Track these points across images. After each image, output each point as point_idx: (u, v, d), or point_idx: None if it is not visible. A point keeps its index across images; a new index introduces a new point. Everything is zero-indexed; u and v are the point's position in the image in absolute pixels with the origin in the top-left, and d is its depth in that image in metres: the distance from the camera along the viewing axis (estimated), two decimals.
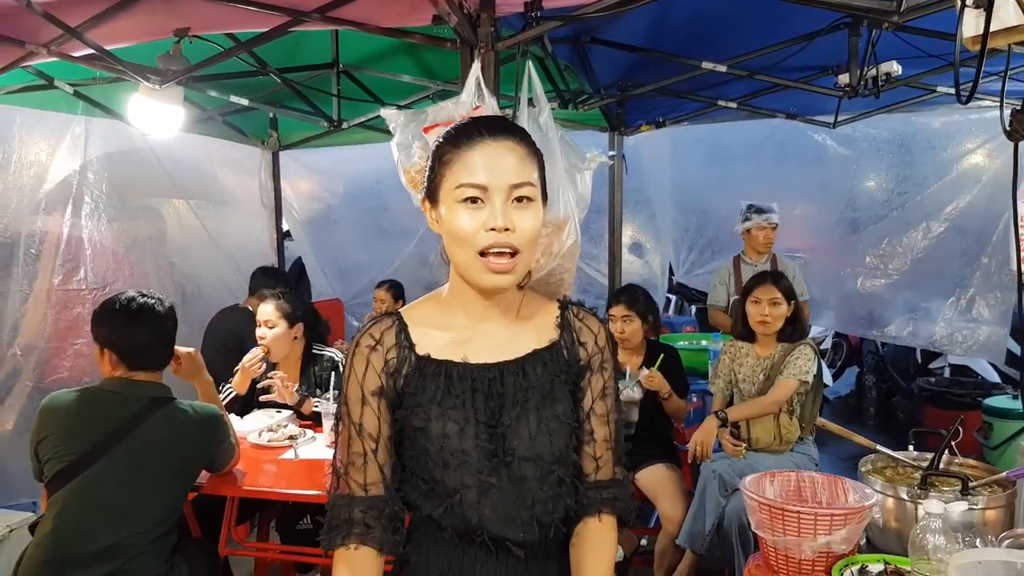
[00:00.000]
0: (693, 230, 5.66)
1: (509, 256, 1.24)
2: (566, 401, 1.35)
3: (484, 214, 1.23)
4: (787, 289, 3.38)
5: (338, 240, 6.08)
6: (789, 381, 3.23)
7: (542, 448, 1.31)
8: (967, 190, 4.66)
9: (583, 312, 1.43)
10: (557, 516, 1.33)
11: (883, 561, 1.70)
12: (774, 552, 1.79)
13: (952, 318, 4.69)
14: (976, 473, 2.00)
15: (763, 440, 3.24)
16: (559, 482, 1.33)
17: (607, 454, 1.38)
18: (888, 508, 1.85)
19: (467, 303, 1.34)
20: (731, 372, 3.48)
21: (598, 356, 1.39)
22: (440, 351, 1.34)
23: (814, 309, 5.31)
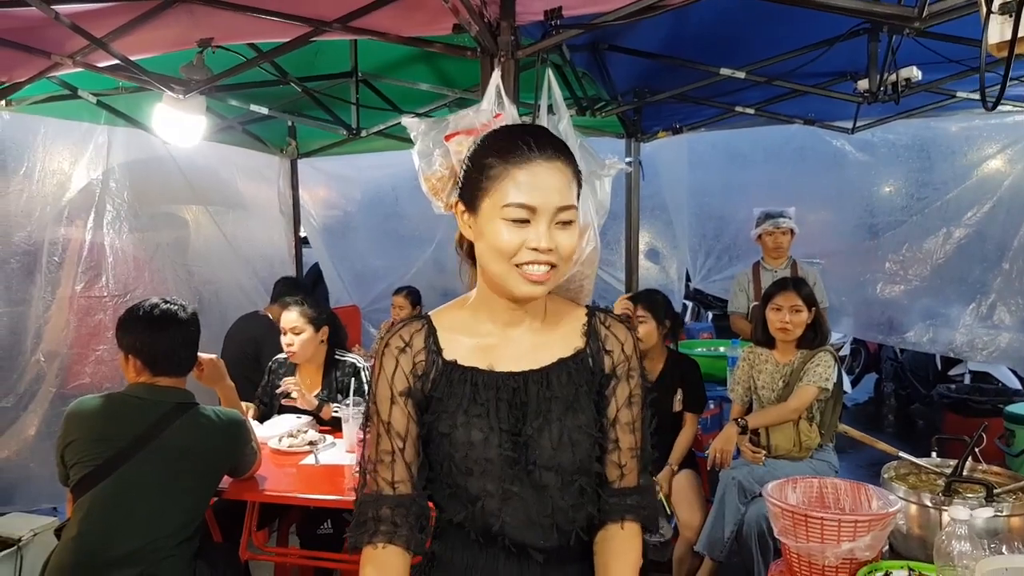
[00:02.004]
0: (710, 236, 5.64)
1: (547, 269, 1.26)
2: (589, 411, 1.35)
3: (528, 233, 1.24)
4: (808, 296, 3.36)
5: (355, 247, 6.12)
6: (809, 388, 3.21)
7: (564, 458, 1.32)
8: (987, 195, 4.63)
9: (611, 319, 1.43)
10: (579, 524, 1.34)
11: (907, 568, 1.69)
12: (797, 559, 1.78)
13: (972, 324, 4.65)
14: (1000, 480, 1.98)
15: (783, 447, 3.22)
16: (581, 491, 1.34)
17: (632, 462, 1.38)
18: (911, 515, 1.84)
19: (495, 310, 1.35)
20: (750, 379, 3.46)
21: (624, 364, 1.39)
22: (467, 357, 1.35)
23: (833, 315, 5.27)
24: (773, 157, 5.33)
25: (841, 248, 5.24)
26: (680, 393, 3.58)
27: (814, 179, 5.27)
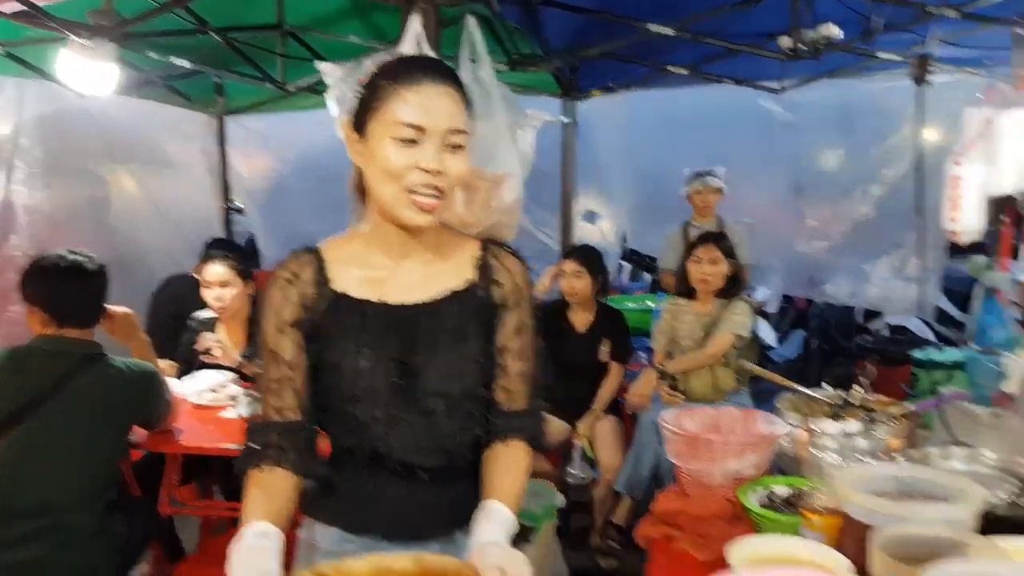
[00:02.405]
0: (646, 197, 5.70)
1: (435, 197, 1.28)
2: (479, 340, 1.38)
3: (416, 154, 1.25)
4: (727, 248, 3.47)
5: (290, 210, 6.00)
6: (725, 335, 3.33)
7: (452, 386, 1.36)
8: (904, 155, 4.79)
9: (502, 252, 1.45)
10: (465, 446, 1.39)
11: (789, 484, 1.78)
12: (689, 479, 1.86)
13: (888, 278, 4.83)
14: (882, 407, 2.09)
15: (699, 391, 3.34)
16: (468, 416, 1.38)
17: (521, 387, 1.43)
18: (798, 438, 1.94)
19: (386, 241, 1.36)
20: (672, 329, 3.57)
21: (515, 295, 1.42)
22: (358, 289, 1.36)
23: (762, 273, 5.43)
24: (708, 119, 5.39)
25: (770, 207, 5.37)
26: (607, 344, 3.66)
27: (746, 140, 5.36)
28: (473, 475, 1.39)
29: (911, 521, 1.32)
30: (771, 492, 1.78)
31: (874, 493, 1.46)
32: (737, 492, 1.77)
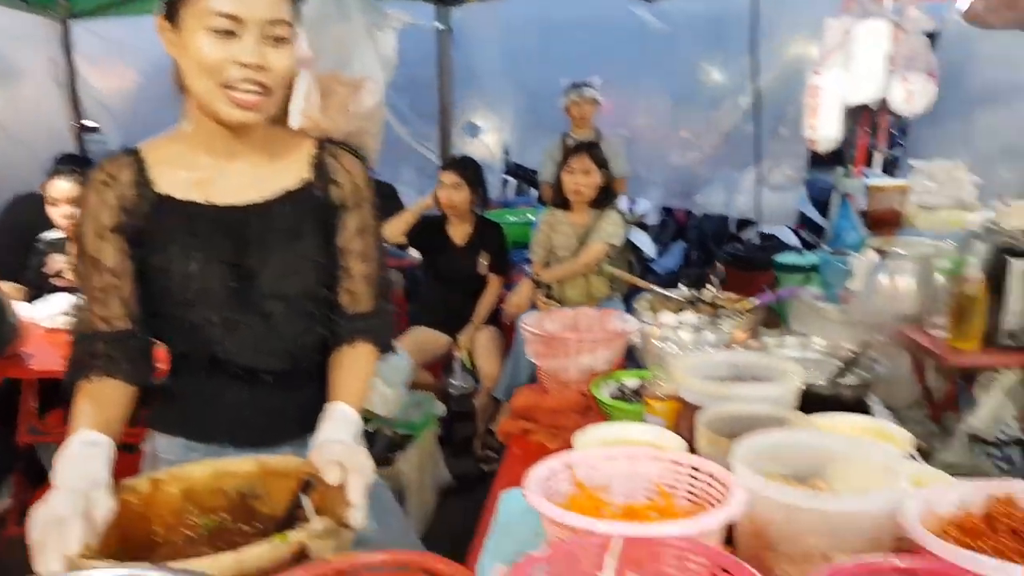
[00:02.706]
0: (528, 109, 5.68)
1: (258, 93, 1.21)
2: (316, 240, 1.36)
3: (234, 47, 1.18)
4: (599, 159, 3.51)
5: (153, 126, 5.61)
6: (598, 244, 3.40)
7: (289, 287, 1.33)
8: (770, 65, 4.92)
9: (340, 151, 1.42)
10: (309, 347, 1.37)
11: (639, 376, 1.87)
12: (547, 376, 1.93)
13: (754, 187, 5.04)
14: (729, 303, 2.21)
15: (574, 299, 3.43)
16: (309, 316, 1.36)
17: (365, 289, 1.41)
18: (648, 333, 2.03)
19: (210, 139, 1.30)
20: (548, 240, 3.62)
21: (354, 195, 1.39)
22: (183, 191, 1.30)
23: (641, 185, 5.55)
24: (584, 29, 5.37)
25: (646, 119, 5.46)
26: (486, 257, 3.69)
27: (622, 51, 5.38)
28: (322, 379, 1.38)
29: (735, 400, 1.41)
30: (622, 384, 1.87)
31: (708, 378, 1.55)
32: (591, 386, 1.85)
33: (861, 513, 1.03)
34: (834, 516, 1.03)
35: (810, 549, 1.06)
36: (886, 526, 1.05)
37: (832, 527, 1.04)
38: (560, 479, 1.21)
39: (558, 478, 1.21)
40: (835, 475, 1.22)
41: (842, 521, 1.04)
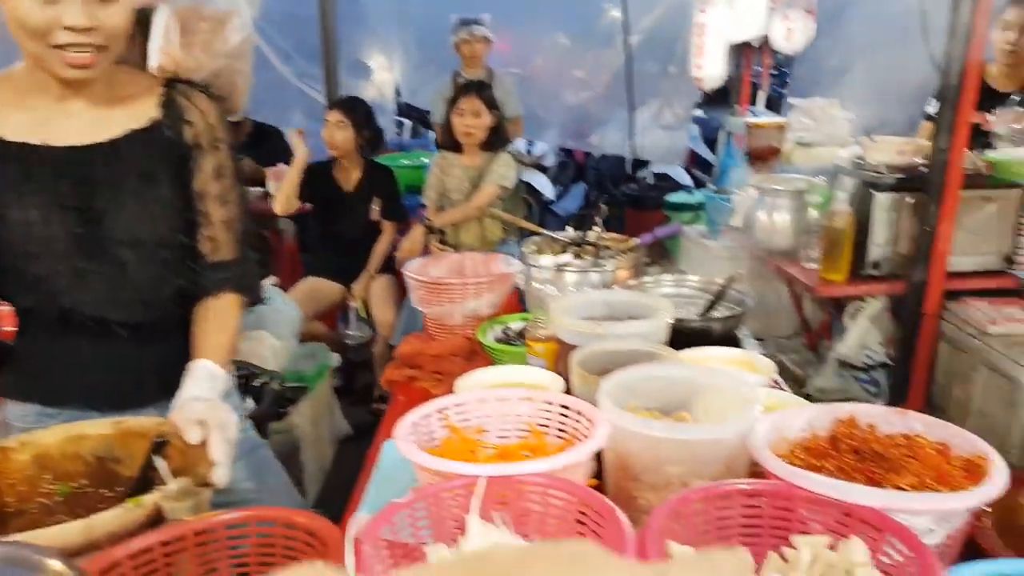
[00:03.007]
0: (419, 47, 5.52)
1: (92, 53, 1.13)
2: (170, 183, 1.29)
3: (59, 8, 1.09)
4: (489, 99, 3.45)
5: None
6: (490, 187, 3.38)
7: (143, 232, 1.26)
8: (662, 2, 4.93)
9: (191, 90, 1.34)
10: (166, 297, 1.31)
11: (523, 319, 1.89)
12: (433, 322, 1.92)
13: (646, 126, 5.10)
14: (614, 243, 2.25)
15: (468, 243, 3.41)
16: (164, 264, 1.30)
17: (226, 235, 1.36)
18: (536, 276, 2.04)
19: (47, 82, 1.21)
20: (441, 183, 3.57)
21: (208, 135, 1.33)
22: (14, 132, 1.21)
23: (537, 125, 5.53)
24: None
25: (540, 58, 5.40)
26: (378, 202, 3.61)
27: None
28: (184, 335, 1.33)
29: (608, 339, 1.45)
30: (507, 328, 1.89)
31: (585, 318, 1.58)
32: (477, 331, 1.85)
33: (716, 441, 1.08)
34: (691, 445, 1.08)
35: (670, 477, 1.11)
36: (741, 452, 1.11)
37: (690, 456, 1.09)
38: (434, 425, 1.21)
39: (432, 424, 1.21)
40: (698, 406, 1.27)
41: (699, 449, 1.09)
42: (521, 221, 2.56)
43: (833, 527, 0.93)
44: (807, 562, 0.90)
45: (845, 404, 1.16)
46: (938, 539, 0.91)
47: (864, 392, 2.90)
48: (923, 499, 0.91)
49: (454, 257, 2.14)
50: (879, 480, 1.03)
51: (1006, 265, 2.66)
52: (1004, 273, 2.66)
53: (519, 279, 1.97)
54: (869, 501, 0.90)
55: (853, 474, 1.07)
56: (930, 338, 2.67)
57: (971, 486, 0.94)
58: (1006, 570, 0.83)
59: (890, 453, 1.05)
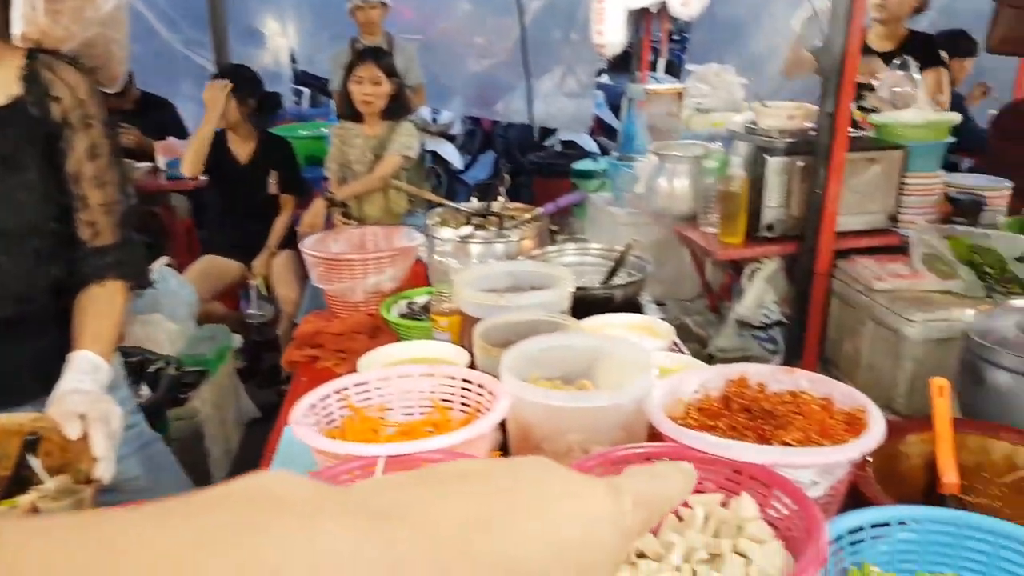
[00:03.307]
0: (312, 12, 5.32)
1: None
2: (36, 166, 1.20)
3: None
4: (388, 66, 3.37)
5: None
6: (393, 157, 3.31)
7: (7, 222, 1.17)
8: None
9: (57, 62, 1.24)
10: (39, 289, 1.23)
11: (428, 293, 1.87)
12: (334, 299, 1.88)
13: (550, 93, 5.10)
14: (518, 213, 2.24)
15: (374, 216, 3.35)
16: (36, 254, 1.21)
17: (105, 218, 1.28)
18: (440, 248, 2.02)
19: None
20: (342, 154, 3.47)
21: (78, 111, 1.23)
22: None
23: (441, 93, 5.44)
24: None
25: (441, 24, 5.30)
26: (274, 175, 3.49)
27: None
28: (64, 326, 1.25)
29: (511, 310, 1.44)
30: (411, 302, 1.86)
31: (488, 290, 1.57)
32: (380, 306, 1.82)
33: (614, 407, 1.09)
34: (590, 413, 1.09)
35: (571, 445, 1.12)
36: (639, 417, 1.13)
37: (589, 423, 1.10)
38: (333, 406, 1.19)
39: (331, 405, 1.18)
40: (599, 374, 1.29)
41: (598, 416, 1.10)
42: (425, 192, 2.52)
43: (725, 484, 0.96)
44: (701, 520, 0.93)
45: (736, 365, 1.20)
46: (822, 491, 0.96)
47: (762, 350, 3.02)
48: (807, 454, 0.95)
49: (354, 231, 2.09)
50: (768, 437, 1.07)
51: (890, 224, 2.80)
52: (889, 231, 2.80)
53: (423, 252, 1.94)
54: (757, 458, 0.93)
55: (744, 432, 1.10)
56: (822, 296, 2.80)
57: (852, 438, 0.98)
58: (886, 516, 0.87)
59: (778, 410, 1.09)
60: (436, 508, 0.26)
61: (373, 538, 0.24)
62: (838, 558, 0.84)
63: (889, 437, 1.01)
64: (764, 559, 0.83)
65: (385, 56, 3.41)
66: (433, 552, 0.24)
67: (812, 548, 0.77)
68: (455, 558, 0.24)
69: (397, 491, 0.27)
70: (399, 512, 0.25)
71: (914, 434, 1.23)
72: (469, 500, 0.27)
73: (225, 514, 0.24)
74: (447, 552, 0.25)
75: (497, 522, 0.26)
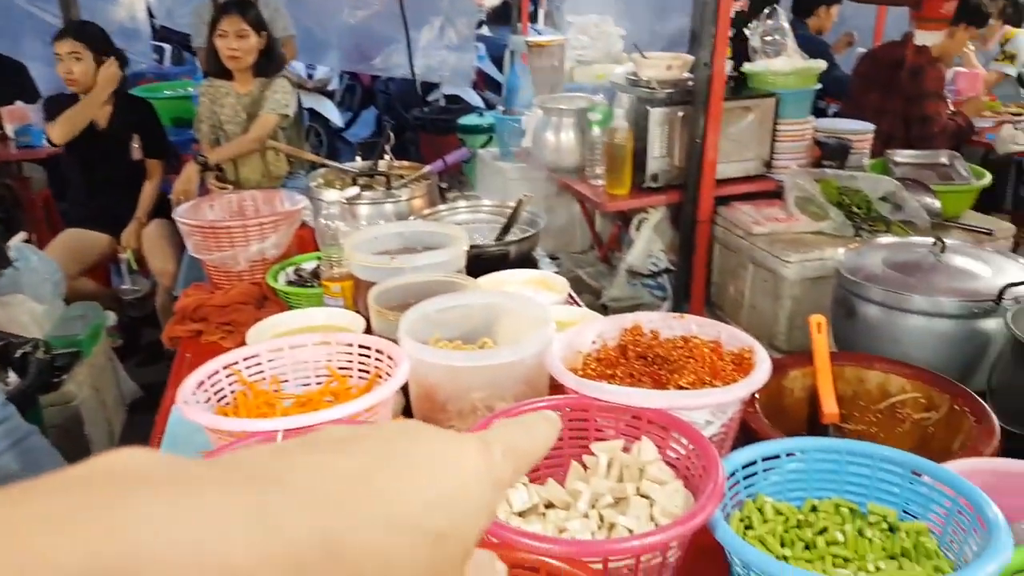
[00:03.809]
0: None
1: None
2: None
3: None
4: (255, 19, 3.18)
5: None
6: (269, 116, 3.15)
7: None
8: None
9: None
10: None
11: (316, 259, 1.81)
12: (215, 270, 1.78)
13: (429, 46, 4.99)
14: (409, 172, 2.20)
15: (252, 179, 3.19)
16: None
17: None
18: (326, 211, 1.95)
19: None
20: (213, 114, 3.28)
21: None
22: None
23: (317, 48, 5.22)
24: None
25: None
26: (136, 139, 3.26)
27: None
28: None
29: (405, 272, 1.41)
30: (299, 269, 1.79)
31: (380, 252, 1.53)
32: (266, 275, 1.74)
33: (514, 363, 1.10)
34: (491, 370, 1.09)
35: (475, 403, 1.12)
36: (540, 371, 1.14)
37: (491, 380, 1.10)
38: (223, 382, 1.13)
39: (221, 381, 1.13)
40: (499, 331, 1.29)
41: (499, 373, 1.10)
42: (305, 153, 2.42)
43: (625, 431, 0.99)
44: (605, 466, 0.96)
45: (630, 314, 1.23)
46: (716, 429, 1.00)
47: (652, 297, 3.12)
48: (701, 395, 0.99)
49: (232, 197, 1.98)
50: (664, 382, 1.10)
51: (765, 170, 2.93)
52: (764, 177, 2.93)
53: (307, 216, 1.87)
54: (654, 403, 0.96)
55: (641, 379, 1.13)
56: (705, 242, 2.91)
57: (741, 378, 1.03)
58: (776, 449, 0.92)
59: (672, 356, 1.13)
60: (310, 471, 0.26)
61: (245, 504, 0.23)
62: (734, 492, 0.88)
63: (774, 374, 1.06)
64: (666, 499, 0.87)
65: (250, 8, 3.20)
66: (310, 512, 0.24)
67: (710, 485, 0.80)
68: (333, 517, 0.25)
69: (268, 457, 0.26)
70: (272, 477, 0.25)
71: (796, 369, 1.30)
72: (344, 462, 0.27)
73: (81, 491, 0.22)
74: (324, 512, 0.25)
75: (373, 481, 0.26)
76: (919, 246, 1.78)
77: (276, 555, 0.23)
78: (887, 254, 1.77)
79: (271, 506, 0.24)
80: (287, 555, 0.23)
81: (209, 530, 0.22)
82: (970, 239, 2.39)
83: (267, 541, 0.23)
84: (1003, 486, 0.88)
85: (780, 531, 0.85)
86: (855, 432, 1.25)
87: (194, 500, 0.23)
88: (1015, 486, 0.92)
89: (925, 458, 0.85)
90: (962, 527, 0.79)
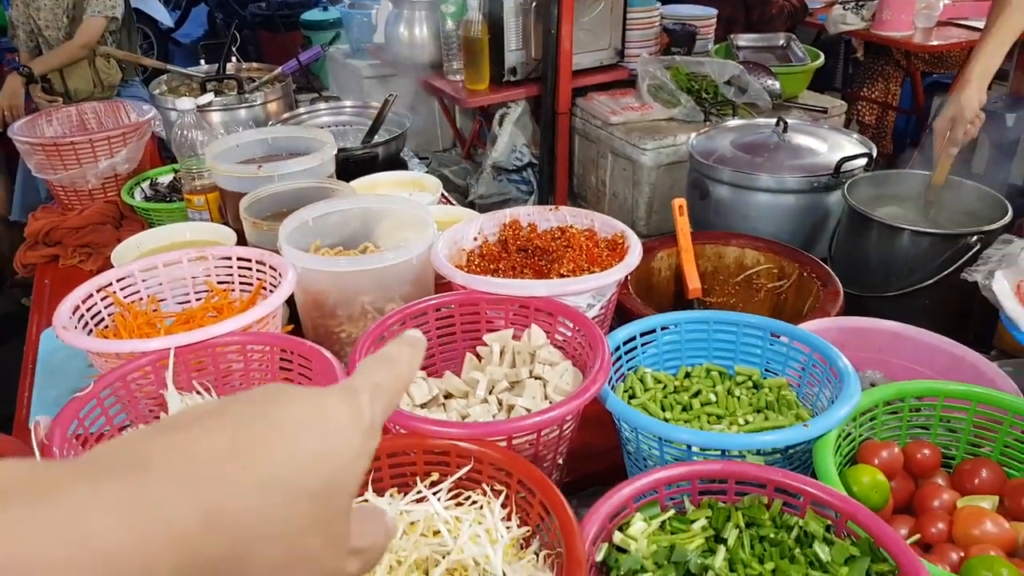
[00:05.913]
0: None
1: None
2: None
3: None
4: None
5: None
6: (95, 20, 2.86)
7: None
8: None
9: None
10: None
11: (173, 171, 1.72)
12: (63, 191, 1.66)
13: None
14: (261, 74, 2.09)
15: (83, 90, 2.91)
16: None
17: None
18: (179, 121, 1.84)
19: None
20: (29, 19, 2.93)
21: None
22: None
23: None
24: None
25: None
26: None
27: None
28: None
29: (274, 181, 1.38)
30: (155, 183, 1.70)
31: (243, 161, 1.48)
32: (121, 192, 1.64)
33: (401, 264, 1.12)
34: (378, 273, 1.11)
35: (364, 306, 1.14)
36: (426, 270, 1.17)
37: (378, 283, 1.12)
38: (99, 306, 1.09)
39: (96, 305, 1.08)
40: (380, 234, 1.30)
41: (386, 275, 1.12)
42: (141, 58, 2.23)
43: (514, 320, 1.05)
44: (498, 355, 1.02)
45: (508, 209, 1.27)
46: (596, 311, 1.08)
47: (518, 192, 3.18)
48: (580, 281, 1.06)
49: (69, 110, 1.82)
50: (545, 272, 1.17)
51: (618, 58, 2.99)
52: (618, 66, 3.00)
53: (156, 126, 1.75)
54: (539, 291, 1.02)
55: (523, 271, 1.19)
56: (566, 134, 2.97)
57: (616, 262, 1.10)
58: (651, 324, 1.01)
59: (551, 247, 1.19)
60: (175, 450, 0.27)
61: (117, 493, 0.24)
62: (617, 366, 0.97)
63: (643, 256, 1.15)
64: (558, 378, 0.94)
65: None
66: (182, 489, 0.25)
67: (598, 362, 0.88)
68: (205, 490, 0.26)
69: (131, 446, 0.27)
70: (139, 463, 0.26)
71: (662, 251, 1.40)
72: (212, 436, 0.28)
73: None
74: (196, 487, 0.26)
75: (241, 451, 0.27)
76: (763, 127, 1.91)
77: (157, 536, 0.24)
78: (735, 136, 1.89)
79: (143, 491, 0.24)
80: (169, 533, 0.24)
81: (87, 524, 0.23)
82: (807, 117, 2.58)
83: (146, 524, 0.24)
84: (849, 341, 1.02)
85: (660, 397, 0.95)
86: (717, 304, 1.38)
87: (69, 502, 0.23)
88: (859, 340, 1.06)
89: (781, 321, 0.97)
90: (816, 379, 0.92)
